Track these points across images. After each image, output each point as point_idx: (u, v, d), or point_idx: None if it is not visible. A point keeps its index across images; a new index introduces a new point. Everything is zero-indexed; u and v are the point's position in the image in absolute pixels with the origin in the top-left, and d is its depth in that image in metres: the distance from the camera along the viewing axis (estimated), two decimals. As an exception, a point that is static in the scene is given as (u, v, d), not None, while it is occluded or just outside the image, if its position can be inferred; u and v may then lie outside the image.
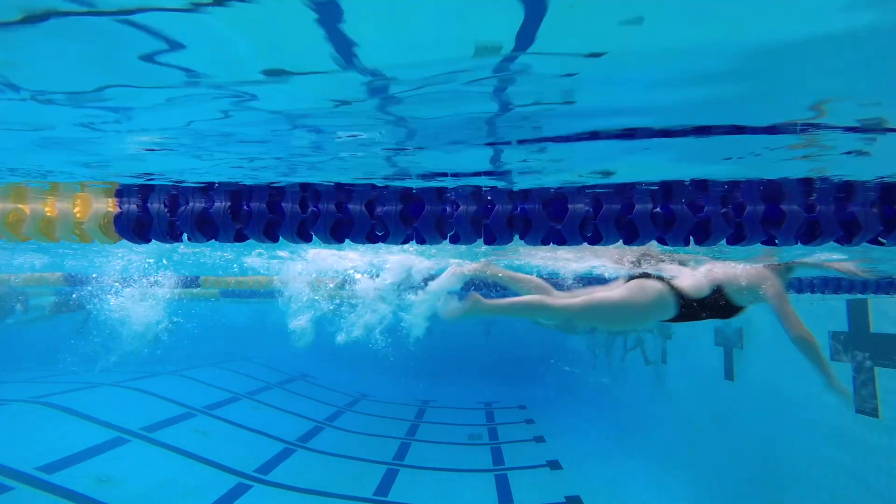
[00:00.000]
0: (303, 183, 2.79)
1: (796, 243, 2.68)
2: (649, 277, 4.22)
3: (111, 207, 2.92)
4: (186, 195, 2.85)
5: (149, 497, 8.24)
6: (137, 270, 9.47)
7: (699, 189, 2.69)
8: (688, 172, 2.58)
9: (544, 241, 2.74)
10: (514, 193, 2.82)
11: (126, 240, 2.90)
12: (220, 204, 2.72)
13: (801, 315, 4.08)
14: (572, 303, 3.98)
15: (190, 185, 2.86)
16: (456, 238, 2.76)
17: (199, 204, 2.75)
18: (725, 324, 9.88)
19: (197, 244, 2.95)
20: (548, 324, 11.17)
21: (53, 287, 11.07)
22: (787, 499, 7.75)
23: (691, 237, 2.68)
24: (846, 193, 2.70)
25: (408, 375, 21.41)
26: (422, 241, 2.79)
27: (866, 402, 6.52)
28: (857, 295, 6.44)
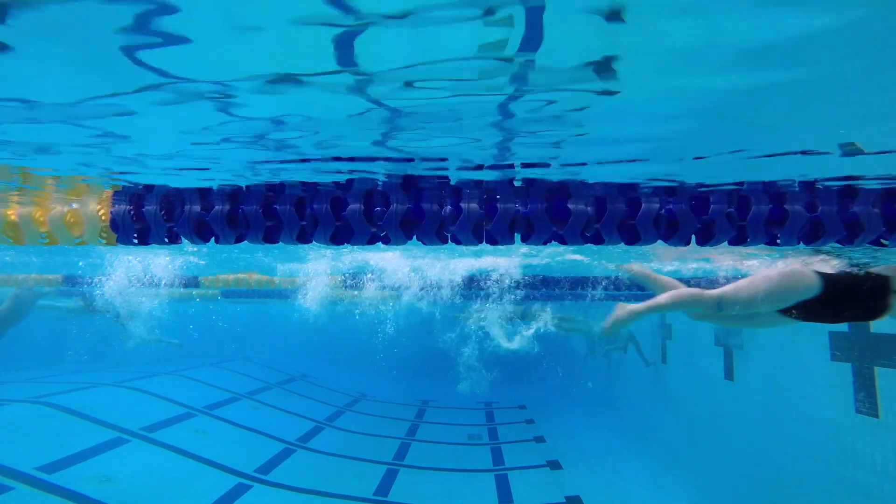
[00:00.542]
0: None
1: None
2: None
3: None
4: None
5: (149, 497, 8.24)
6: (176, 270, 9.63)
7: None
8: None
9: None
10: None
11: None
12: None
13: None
14: (727, 289, 4.08)
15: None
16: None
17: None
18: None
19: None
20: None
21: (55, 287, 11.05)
22: (787, 499, 7.75)
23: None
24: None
25: (406, 376, 21.43)
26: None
27: (866, 403, 6.51)
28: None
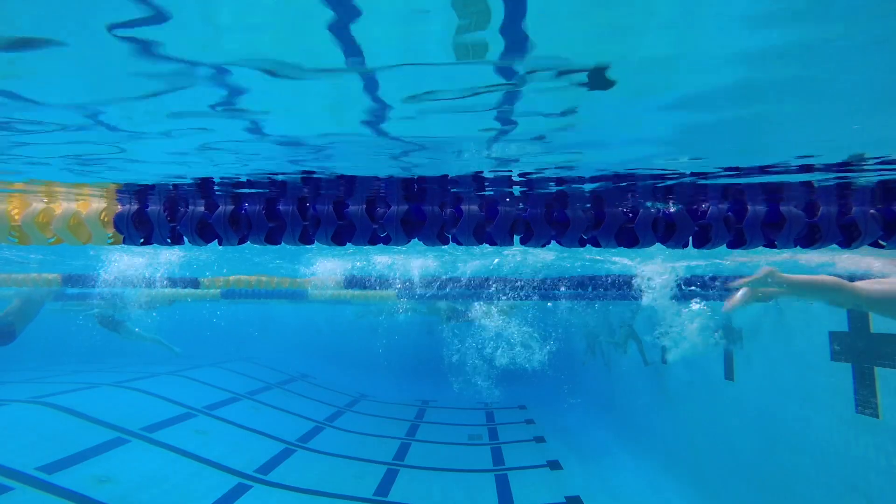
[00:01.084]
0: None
1: None
2: None
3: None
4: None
5: (149, 497, 8.24)
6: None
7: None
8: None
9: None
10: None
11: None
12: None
13: (801, 315, 4.08)
14: (877, 289, 3.96)
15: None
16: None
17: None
18: (726, 323, 9.89)
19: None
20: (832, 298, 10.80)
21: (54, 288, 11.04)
22: (787, 499, 7.76)
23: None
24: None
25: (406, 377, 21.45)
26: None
27: (866, 403, 6.52)
28: (857, 295, 6.43)
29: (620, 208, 3.02)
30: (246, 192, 3.24)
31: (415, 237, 3.07)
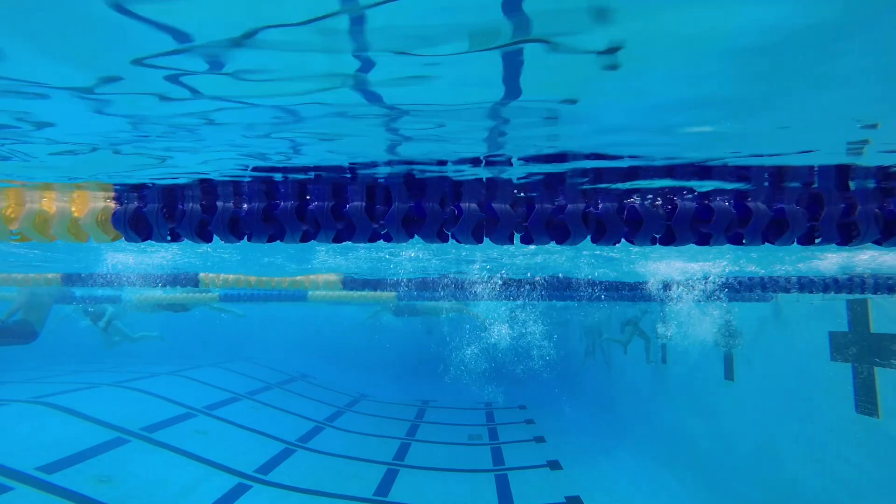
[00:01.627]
0: None
1: None
2: None
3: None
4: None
5: (149, 497, 8.24)
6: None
7: None
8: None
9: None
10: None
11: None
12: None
13: (802, 315, 4.06)
14: None
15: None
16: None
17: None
18: (726, 324, 9.89)
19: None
20: None
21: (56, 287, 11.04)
22: (786, 499, 7.75)
23: None
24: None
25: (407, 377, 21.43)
26: None
27: (866, 403, 6.52)
28: (857, 295, 6.44)
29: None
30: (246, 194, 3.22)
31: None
